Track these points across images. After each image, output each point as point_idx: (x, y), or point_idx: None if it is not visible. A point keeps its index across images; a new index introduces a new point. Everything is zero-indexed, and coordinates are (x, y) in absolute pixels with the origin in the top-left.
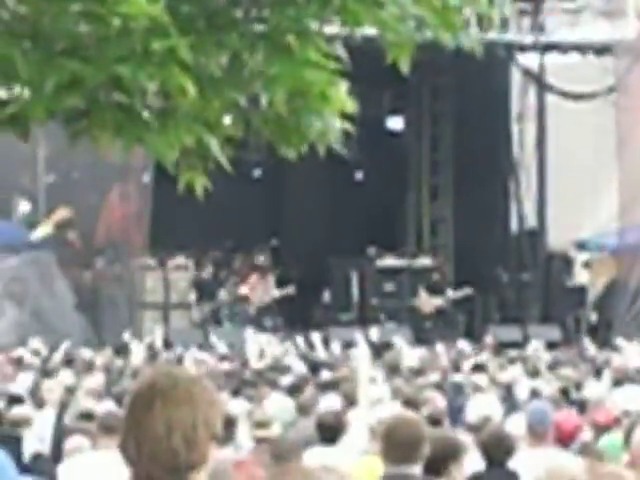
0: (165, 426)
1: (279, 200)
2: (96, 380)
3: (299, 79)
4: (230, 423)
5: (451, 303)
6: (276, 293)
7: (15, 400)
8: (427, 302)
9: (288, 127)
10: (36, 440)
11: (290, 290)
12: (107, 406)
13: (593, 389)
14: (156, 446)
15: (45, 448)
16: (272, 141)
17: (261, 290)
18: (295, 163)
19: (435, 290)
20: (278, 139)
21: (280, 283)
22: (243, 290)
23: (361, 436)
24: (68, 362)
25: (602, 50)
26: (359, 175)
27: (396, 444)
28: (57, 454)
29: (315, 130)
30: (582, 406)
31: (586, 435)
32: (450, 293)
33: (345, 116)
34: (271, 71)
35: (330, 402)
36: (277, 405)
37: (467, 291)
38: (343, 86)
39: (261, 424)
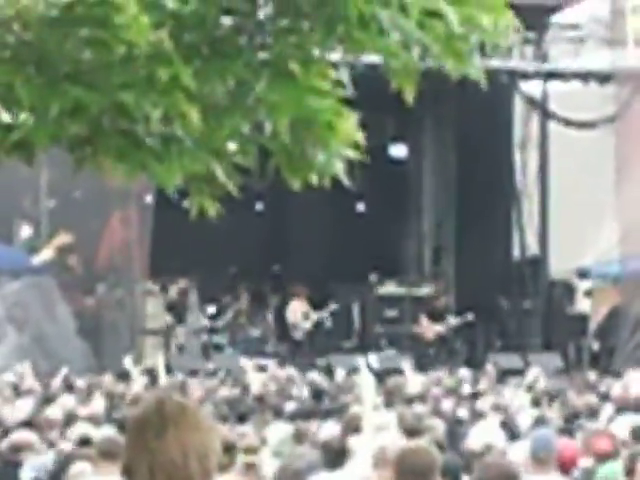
0: (181, 452)
1: (281, 228)
2: (96, 406)
3: (303, 106)
4: (231, 449)
5: (452, 330)
6: (314, 316)
7: (21, 424)
8: (428, 329)
9: (294, 156)
10: (35, 466)
11: (332, 306)
12: (106, 432)
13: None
14: (173, 472)
15: (44, 474)
16: (280, 170)
17: (301, 314)
18: (297, 192)
19: (436, 317)
20: (286, 168)
21: (279, 309)
22: (290, 316)
23: (365, 463)
24: (68, 387)
25: (604, 78)
26: (361, 203)
27: (408, 473)
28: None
29: (320, 161)
30: (583, 433)
31: (587, 463)
32: (451, 320)
33: (352, 147)
34: (274, 98)
35: (330, 430)
36: (279, 432)
37: (468, 317)
38: (351, 117)
39: (248, 450)
